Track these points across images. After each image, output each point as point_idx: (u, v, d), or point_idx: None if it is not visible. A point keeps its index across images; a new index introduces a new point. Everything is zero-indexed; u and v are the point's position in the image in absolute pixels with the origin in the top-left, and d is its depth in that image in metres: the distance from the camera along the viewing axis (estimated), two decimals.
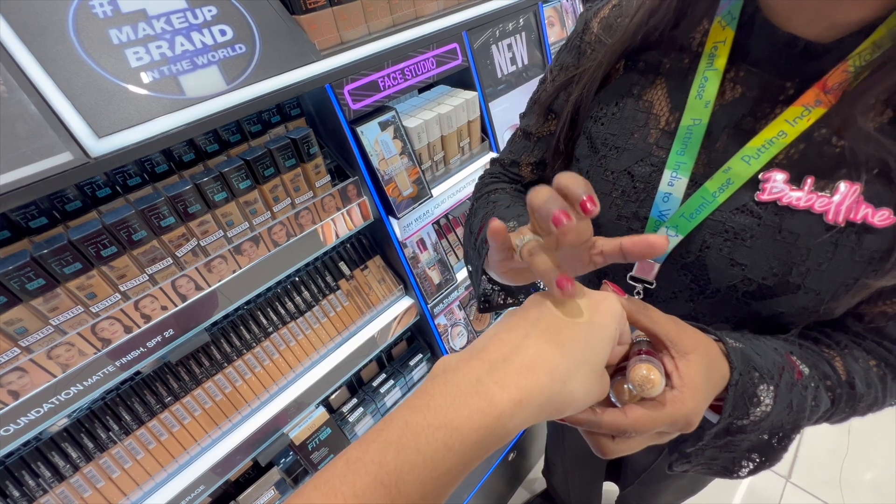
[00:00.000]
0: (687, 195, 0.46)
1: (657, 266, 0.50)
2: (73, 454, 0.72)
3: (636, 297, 0.53)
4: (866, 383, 0.45)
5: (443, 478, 0.25)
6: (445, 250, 1.19)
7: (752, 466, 0.45)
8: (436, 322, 1.18)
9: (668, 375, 0.35)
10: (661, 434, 0.37)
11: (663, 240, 0.33)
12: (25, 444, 0.69)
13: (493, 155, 1.17)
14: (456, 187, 1.09)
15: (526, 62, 1.22)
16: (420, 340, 1.28)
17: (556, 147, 0.60)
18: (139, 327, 0.70)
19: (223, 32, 0.69)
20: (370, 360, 1.13)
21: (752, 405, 0.38)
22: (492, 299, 0.63)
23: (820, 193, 0.40)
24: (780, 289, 0.43)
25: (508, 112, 1.20)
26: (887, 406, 0.48)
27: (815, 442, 1.73)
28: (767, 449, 0.43)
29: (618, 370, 0.38)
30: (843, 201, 0.39)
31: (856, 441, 1.71)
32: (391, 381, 1.18)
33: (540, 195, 0.33)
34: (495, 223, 0.35)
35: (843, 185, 0.39)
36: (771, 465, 0.44)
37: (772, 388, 0.39)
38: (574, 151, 0.58)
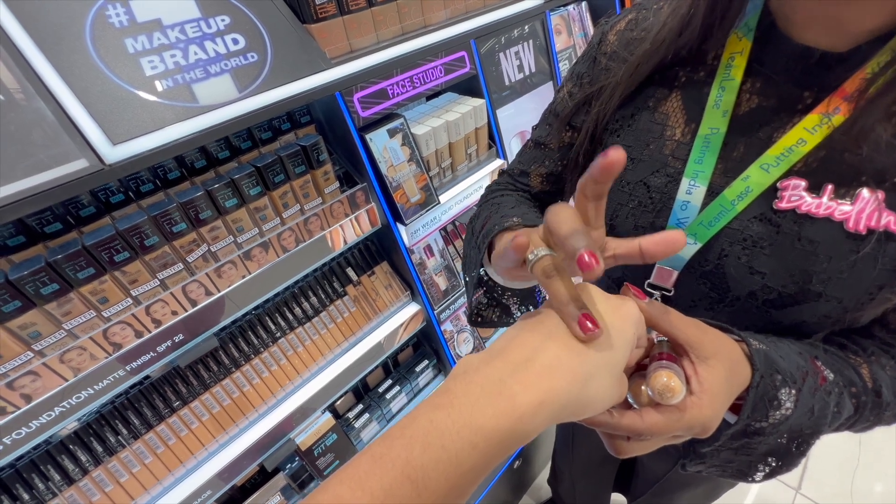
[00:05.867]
0: (705, 203, 0.46)
1: (675, 274, 0.50)
2: (83, 458, 0.73)
3: None
4: (893, 392, 0.44)
5: (467, 475, 0.26)
6: (452, 256, 1.20)
7: (767, 470, 0.44)
8: (442, 328, 1.17)
9: (687, 380, 0.35)
10: (676, 436, 0.37)
11: (681, 234, 0.32)
12: (35, 447, 0.70)
13: (500, 161, 1.18)
14: (463, 194, 1.10)
15: (533, 69, 1.23)
16: (426, 346, 1.28)
17: (574, 160, 0.60)
18: (150, 332, 0.70)
19: (235, 41, 0.70)
20: (376, 366, 1.12)
21: (773, 408, 0.38)
22: (485, 315, 0.61)
23: (840, 201, 0.40)
24: (801, 297, 0.42)
25: (515, 119, 1.21)
26: None
27: (826, 453, 1.71)
28: (785, 453, 0.43)
29: (636, 370, 0.38)
30: (864, 209, 0.39)
31: (866, 453, 1.68)
32: (397, 387, 1.17)
33: (564, 224, 0.31)
34: (521, 239, 0.34)
35: (864, 193, 0.39)
36: (787, 469, 0.44)
37: (793, 391, 0.38)
38: (591, 164, 0.58)
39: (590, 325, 0.30)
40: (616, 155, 0.29)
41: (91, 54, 0.60)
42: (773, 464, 0.43)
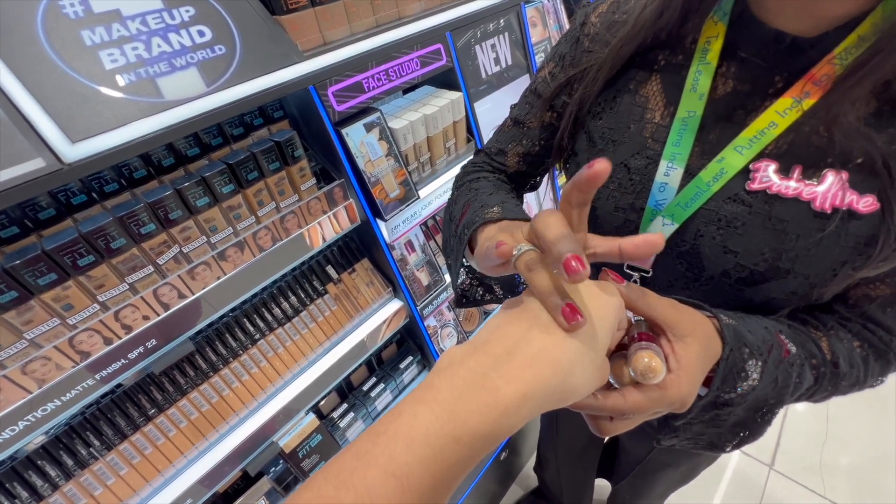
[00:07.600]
0: (682, 185, 0.47)
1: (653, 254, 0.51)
2: (52, 472, 0.69)
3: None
4: (849, 363, 0.47)
5: (452, 469, 0.26)
6: (434, 252, 1.19)
7: (736, 441, 0.47)
8: (425, 324, 1.17)
9: (665, 358, 0.36)
10: (656, 412, 0.38)
11: (660, 237, 0.33)
12: None
13: None
14: (443, 188, 1.09)
15: (510, 62, 1.23)
16: (410, 343, 1.27)
17: (558, 144, 0.61)
18: (120, 338, 0.67)
19: (202, 33, 0.68)
20: (360, 365, 1.11)
21: (740, 379, 0.40)
22: (469, 294, 0.63)
23: (808, 182, 0.41)
24: (771, 274, 0.44)
25: (493, 112, 1.21)
26: (868, 386, 0.50)
27: (796, 430, 1.79)
28: (751, 423, 0.45)
29: (615, 351, 0.39)
30: (829, 189, 0.41)
31: (834, 427, 1.77)
32: (382, 385, 1.17)
33: (550, 229, 0.31)
34: (505, 247, 0.34)
35: (830, 175, 0.41)
36: (754, 439, 0.46)
37: (759, 363, 0.40)
38: (574, 146, 0.59)
39: (574, 315, 0.30)
40: (601, 166, 0.30)
41: (44, 47, 0.57)
42: (741, 434, 0.46)
